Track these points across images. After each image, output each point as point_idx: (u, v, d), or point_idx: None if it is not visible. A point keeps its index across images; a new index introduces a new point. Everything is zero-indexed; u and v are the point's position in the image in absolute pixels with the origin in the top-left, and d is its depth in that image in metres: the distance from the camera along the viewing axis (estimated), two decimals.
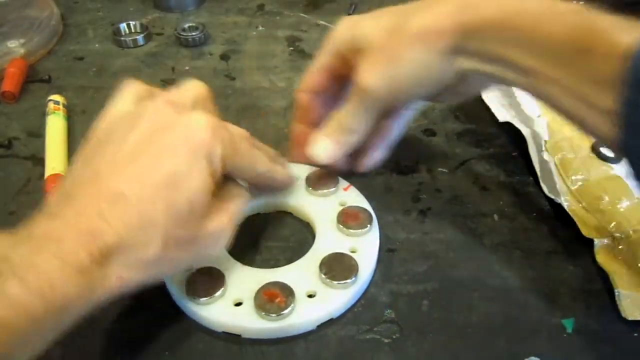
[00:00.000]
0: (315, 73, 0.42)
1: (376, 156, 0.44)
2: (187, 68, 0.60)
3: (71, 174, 0.31)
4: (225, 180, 0.33)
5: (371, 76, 0.36)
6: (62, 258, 0.25)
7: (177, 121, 0.31)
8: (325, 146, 0.40)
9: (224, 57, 0.62)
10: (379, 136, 0.43)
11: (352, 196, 0.42)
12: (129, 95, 0.34)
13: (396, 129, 0.44)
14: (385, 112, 0.40)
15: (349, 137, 0.40)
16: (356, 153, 0.43)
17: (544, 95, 0.32)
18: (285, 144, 0.46)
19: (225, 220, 0.32)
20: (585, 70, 0.28)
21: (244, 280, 0.36)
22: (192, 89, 0.35)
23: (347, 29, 0.39)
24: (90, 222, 0.26)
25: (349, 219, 0.40)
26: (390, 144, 0.44)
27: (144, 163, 0.29)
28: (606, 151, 0.44)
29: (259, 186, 0.39)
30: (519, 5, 0.31)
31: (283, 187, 0.42)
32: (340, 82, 0.42)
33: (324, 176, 0.43)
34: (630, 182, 0.42)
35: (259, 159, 0.36)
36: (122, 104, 0.33)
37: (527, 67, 0.31)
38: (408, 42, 0.34)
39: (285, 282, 0.36)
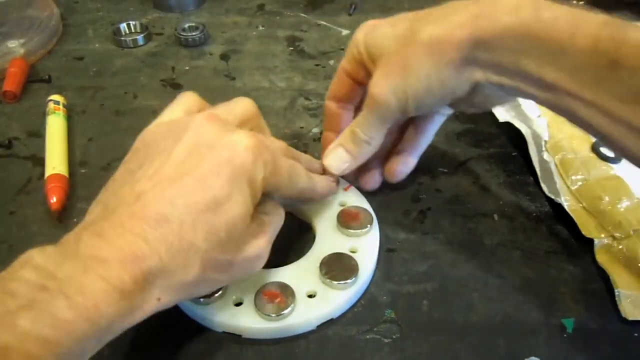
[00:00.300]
0: (337, 80, 0.42)
1: (409, 164, 0.42)
2: (187, 68, 0.60)
3: (113, 184, 0.30)
4: (262, 198, 0.33)
5: (382, 87, 0.36)
6: (107, 280, 0.25)
7: (220, 140, 0.30)
8: (339, 156, 0.40)
9: (224, 57, 0.62)
10: (408, 144, 0.42)
11: (352, 196, 0.42)
12: (179, 106, 0.34)
13: (425, 135, 0.42)
14: (409, 120, 0.40)
15: (363, 147, 0.39)
16: (387, 163, 0.43)
17: (567, 111, 0.30)
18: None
19: (262, 245, 0.32)
20: (615, 85, 0.27)
21: (244, 280, 0.36)
22: (241, 105, 0.35)
23: (364, 34, 0.38)
24: (134, 245, 0.26)
25: (349, 219, 0.40)
26: (420, 151, 0.43)
27: (186, 185, 0.28)
28: (606, 151, 0.44)
29: (300, 200, 0.39)
30: (536, 14, 0.30)
31: (324, 196, 0.40)
32: (364, 89, 0.41)
33: None
34: (631, 182, 0.42)
35: (299, 176, 0.35)
36: (170, 114, 0.33)
37: (547, 81, 0.30)
38: (420, 52, 0.34)
39: (285, 282, 0.36)
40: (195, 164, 0.29)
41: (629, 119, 0.27)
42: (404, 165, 0.42)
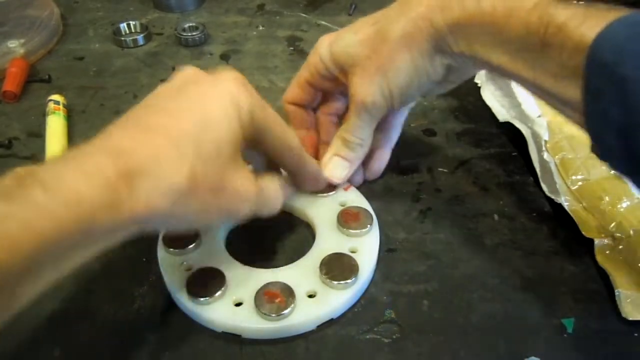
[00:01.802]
0: (298, 88, 0.43)
1: (384, 159, 0.44)
2: None
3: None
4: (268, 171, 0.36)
5: (366, 90, 0.37)
6: (87, 171, 0.25)
7: (207, 77, 0.33)
8: (337, 165, 0.41)
9: (224, 57, 0.62)
10: (383, 139, 0.44)
11: (352, 196, 0.42)
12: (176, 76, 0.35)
13: (395, 129, 0.44)
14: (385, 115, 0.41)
15: (357, 150, 0.41)
16: (365, 162, 0.44)
17: (526, 88, 0.34)
18: None
19: (252, 189, 0.32)
20: (547, 64, 0.29)
21: (244, 280, 0.36)
22: (228, 72, 0.35)
23: (327, 46, 0.40)
24: (120, 142, 0.27)
25: (349, 219, 0.40)
26: (392, 145, 0.45)
27: (176, 106, 0.30)
28: None
29: (291, 170, 0.38)
30: (478, 5, 0.32)
31: (312, 179, 0.40)
32: (323, 93, 0.44)
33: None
34: (631, 183, 0.42)
35: (289, 132, 0.36)
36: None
37: (494, 64, 0.33)
38: (395, 49, 0.36)
39: (285, 282, 0.36)
40: (184, 92, 0.31)
41: (561, 94, 0.29)
42: (381, 161, 0.44)
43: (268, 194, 0.34)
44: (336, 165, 0.41)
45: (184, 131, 0.29)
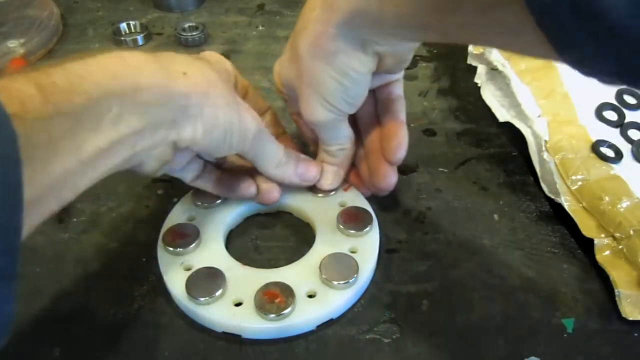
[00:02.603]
0: (297, 124, 0.44)
1: (401, 133, 0.40)
2: None
3: None
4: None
5: (309, 111, 0.37)
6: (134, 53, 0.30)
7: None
8: (327, 173, 0.41)
9: (224, 56, 0.62)
10: (389, 116, 0.41)
11: (352, 196, 0.42)
12: None
13: (397, 100, 0.41)
14: (374, 98, 0.41)
15: (340, 154, 0.41)
16: (383, 147, 0.41)
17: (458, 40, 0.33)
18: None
19: (256, 115, 0.35)
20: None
21: (244, 280, 0.36)
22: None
23: (277, 76, 0.41)
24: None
25: (349, 219, 0.40)
26: (403, 117, 0.41)
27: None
28: (606, 151, 0.44)
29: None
30: None
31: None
32: None
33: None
34: (631, 182, 0.42)
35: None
36: None
37: (418, 24, 0.30)
38: (308, 62, 0.35)
39: (285, 282, 0.36)
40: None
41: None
42: (397, 137, 0.40)
43: (270, 136, 0.38)
44: (326, 174, 0.41)
45: (199, 59, 0.35)
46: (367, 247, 0.39)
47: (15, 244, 0.22)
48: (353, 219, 0.40)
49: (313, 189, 0.42)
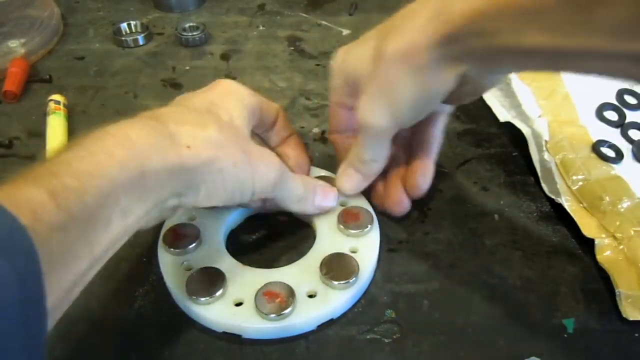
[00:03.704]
0: (332, 115, 0.42)
1: (427, 172, 0.40)
2: (187, 68, 0.60)
3: None
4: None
5: (368, 112, 0.36)
6: (135, 125, 0.29)
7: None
8: (349, 177, 0.40)
9: (225, 56, 0.62)
10: (422, 150, 0.41)
11: (352, 196, 0.42)
12: None
13: (434, 138, 0.41)
14: (413, 128, 0.39)
15: (370, 165, 0.40)
16: (407, 178, 0.41)
17: (566, 68, 0.30)
18: None
19: (275, 157, 0.36)
20: (601, 21, 0.24)
21: (244, 280, 0.36)
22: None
23: (340, 64, 0.38)
24: (154, 114, 0.32)
25: (349, 219, 0.40)
26: (434, 155, 0.41)
27: (193, 98, 0.36)
28: (607, 151, 0.44)
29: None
30: None
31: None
32: None
33: (326, 181, 0.43)
34: (631, 182, 0.42)
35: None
36: None
37: (532, 47, 0.28)
38: (391, 69, 0.33)
39: (286, 282, 0.36)
40: (205, 92, 0.37)
41: (626, 48, 0.24)
42: (423, 175, 0.40)
43: (290, 174, 0.37)
44: (348, 178, 0.40)
45: (202, 110, 0.34)
46: (367, 247, 0.39)
47: (41, 356, 0.22)
48: (353, 219, 0.40)
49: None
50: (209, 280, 0.36)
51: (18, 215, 0.22)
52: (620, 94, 0.49)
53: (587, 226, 0.40)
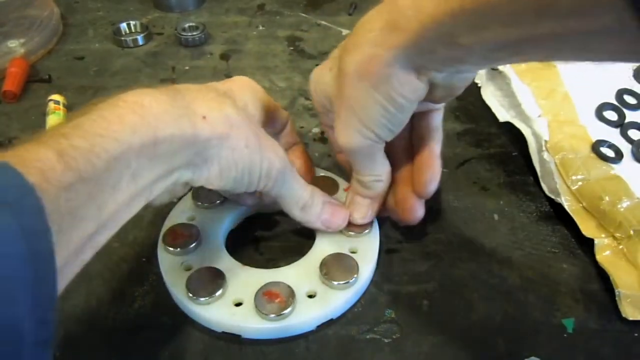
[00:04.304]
0: (328, 135, 0.42)
1: (433, 169, 0.39)
2: (187, 68, 0.60)
3: None
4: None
5: (343, 135, 0.35)
6: (151, 93, 0.29)
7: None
8: (359, 205, 0.39)
9: (224, 56, 0.62)
10: (422, 153, 0.39)
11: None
12: None
13: (433, 136, 0.39)
14: (410, 132, 0.39)
15: (376, 186, 0.38)
16: (414, 180, 0.39)
17: (532, 56, 0.29)
18: None
19: (281, 150, 0.35)
20: (559, 4, 0.23)
21: (244, 280, 0.36)
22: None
23: (314, 85, 0.38)
24: (172, 86, 0.32)
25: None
26: (437, 152, 0.39)
27: (211, 84, 0.35)
28: (606, 151, 0.44)
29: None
30: None
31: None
32: None
33: (325, 181, 0.43)
34: (631, 182, 0.42)
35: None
36: None
37: (498, 42, 0.27)
38: (354, 86, 0.32)
39: (285, 282, 0.36)
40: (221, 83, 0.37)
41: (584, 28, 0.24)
42: (431, 172, 0.39)
43: (296, 173, 0.37)
44: (357, 206, 0.39)
45: (220, 90, 0.34)
46: (367, 247, 0.39)
47: (51, 313, 0.22)
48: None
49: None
50: (209, 280, 0.36)
51: (26, 174, 0.22)
52: (620, 93, 0.49)
53: (587, 226, 0.40)
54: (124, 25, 0.66)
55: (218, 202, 0.41)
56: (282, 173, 0.35)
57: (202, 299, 0.35)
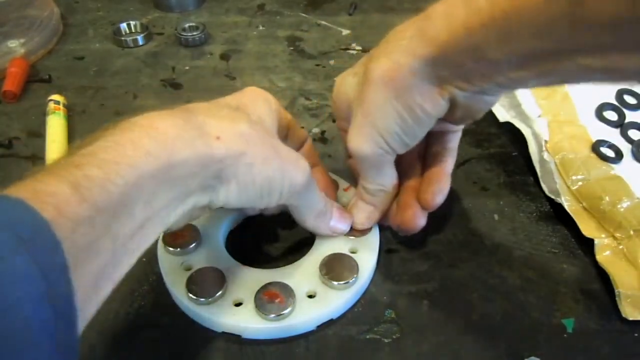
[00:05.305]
0: (343, 139, 0.40)
1: (441, 186, 0.38)
2: (187, 68, 0.60)
3: None
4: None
5: (355, 141, 0.35)
6: (163, 115, 0.29)
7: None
8: (361, 210, 0.39)
9: (224, 56, 0.62)
10: (435, 165, 0.39)
11: (352, 196, 0.42)
12: None
13: (452, 150, 0.39)
14: (425, 146, 0.39)
15: (378, 194, 0.38)
16: (419, 194, 0.39)
17: (555, 75, 0.28)
18: None
19: (303, 160, 0.34)
20: (590, 18, 0.23)
21: (244, 280, 0.36)
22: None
23: (337, 89, 0.38)
24: (184, 106, 0.31)
25: None
26: (448, 171, 0.39)
27: (222, 99, 0.35)
28: (606, 151, 0.44)
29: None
30: (469, 6, 0.27)
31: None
32: None
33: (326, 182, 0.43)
34: (631, 182, 0.42)
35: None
36: None
37: (520, 56, 0.27)
38: (376, 92, 0.32)
39: (285, 282, 0.36)
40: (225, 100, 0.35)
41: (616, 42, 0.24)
42: (439, 186, 0.38)
43: (316, 184, 0.36)
44: (359, 211, 0.39)
45: (232, 105, 0.34)
46: (367, 247, 0.39)
47: (74, 355, 0.22)
48: None
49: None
50: (209, 281, 0.36)
51: (41, 210, 0.21)
52: (620, 94, 0.49)
53: (587, 226, 0.40)
54: (124, 25, 0.66)
55: None
56: (306, 186, 0.34)
57: (202, 299, 0.35)
